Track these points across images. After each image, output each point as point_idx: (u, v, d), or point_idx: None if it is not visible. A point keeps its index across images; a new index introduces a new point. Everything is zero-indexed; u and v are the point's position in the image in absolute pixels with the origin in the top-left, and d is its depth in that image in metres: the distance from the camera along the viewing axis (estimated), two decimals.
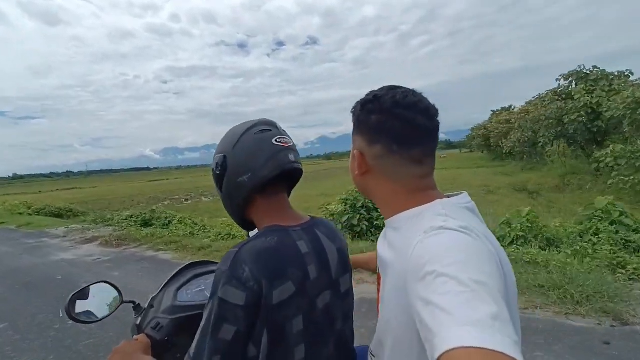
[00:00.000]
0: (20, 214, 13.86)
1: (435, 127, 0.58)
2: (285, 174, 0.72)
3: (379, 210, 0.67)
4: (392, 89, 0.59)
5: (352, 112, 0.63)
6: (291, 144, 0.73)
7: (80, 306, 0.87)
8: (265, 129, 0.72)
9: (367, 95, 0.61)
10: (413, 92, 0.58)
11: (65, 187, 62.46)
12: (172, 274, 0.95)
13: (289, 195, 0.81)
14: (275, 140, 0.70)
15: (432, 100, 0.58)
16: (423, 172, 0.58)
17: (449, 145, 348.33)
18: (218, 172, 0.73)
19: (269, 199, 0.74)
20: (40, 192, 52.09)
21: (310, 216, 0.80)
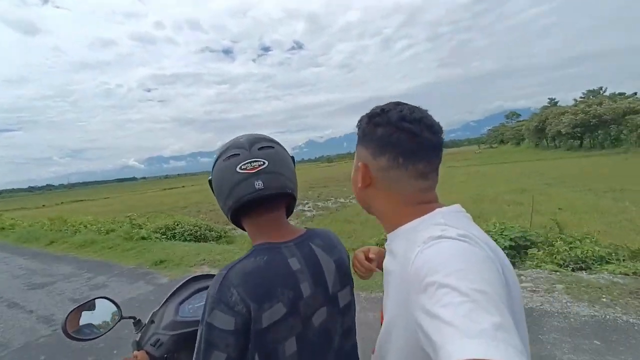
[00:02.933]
0: (144, 238, 7.72)
1: (440, 142, 0.58)
2: (259, 199, 0.67)
3: (381, 224, 0.63)
4: (399, 104, 0.59)
5: (357, 125, 0.63)
6: (261, 166, 0.67)
7: (78, 322, 0.83)
8: (233, 154, 0.68)
9: (374, 109, 0.61)
10: (419, 108, 0.58)
11: (68, 200, 54.48)
12: (174, 289, 0.91)
13: (289, 208, 0.77)
14: (240, 168, 0.66)
15: (415, 102, 0.58)
16: (426, 185, 0.58)
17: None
18: (212, 191, 0.73)
19: (255, 218, 0.71)
20: (44, 206, 44.36)
21: (306, 228, 0.76)
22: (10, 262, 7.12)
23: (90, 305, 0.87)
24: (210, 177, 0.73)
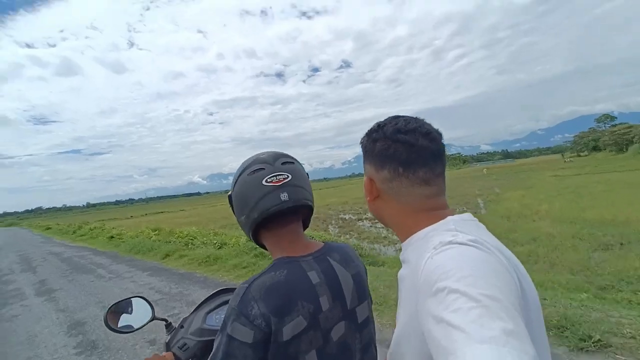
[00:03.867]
0: None
1: (440, 149, 0.59)
2: (281, 212, 0.69)
3: (396, 234, 0.63)
4: (395, 117, 0.61)
5: (360, 143, 0.65)
6: (286, 180, 0.69)
7: (118, 317, 0.91)
8: (258, 169, 0.70)
9: (373, 125, 0.63)
10: (415, 119, 0.60)
11: (151, 212, 59.77)
12: (205, 298, 0.96)
13: (307, 222, 0.80)
14: (266, 181, 0.68)
15: (470, 112, 0.59)
16: (431, 192, 0.58)
17: (507, 155, 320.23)
18: (231, 207, 0.75)
19: (275, 232, 0.72)
20: (131, 216, 48.85)
21: (323, 242, 0.77)
22: (136, 278, 6.15)
23: (128, 303, 0.93)
24: (230, 193, 0.74)
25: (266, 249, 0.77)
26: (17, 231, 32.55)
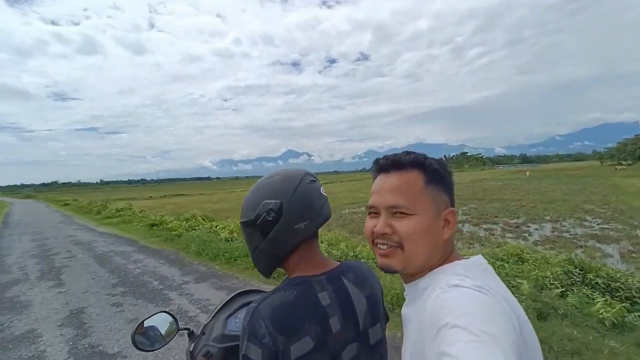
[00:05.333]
0: None
1: None
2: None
3: (405, 275, 0.62)
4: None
5: (427, 165, 0.59)
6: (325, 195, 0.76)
7: (144, 335, 0.90)
8: (314, 180, 0.74)
9: (431, 158, 0.60)
10: None
11: (169, 194, 57.62)
12: (223, 302, 0.95)
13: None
14: (322, 191, 0.74)
15: (487, 113, 0.59)
16: None
17: (525, 159, 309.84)
18: (270, 218, 0.70)
19: (307, 246, 0.73)
20: (150, 197, 46.50)
21: (339, 261, 0.78)
22: None
23: (152, 319, 0.92)
24: (279, 200, 0.69)
25: (271, 273, 0.76)
26: (34, 205, 30.35)
